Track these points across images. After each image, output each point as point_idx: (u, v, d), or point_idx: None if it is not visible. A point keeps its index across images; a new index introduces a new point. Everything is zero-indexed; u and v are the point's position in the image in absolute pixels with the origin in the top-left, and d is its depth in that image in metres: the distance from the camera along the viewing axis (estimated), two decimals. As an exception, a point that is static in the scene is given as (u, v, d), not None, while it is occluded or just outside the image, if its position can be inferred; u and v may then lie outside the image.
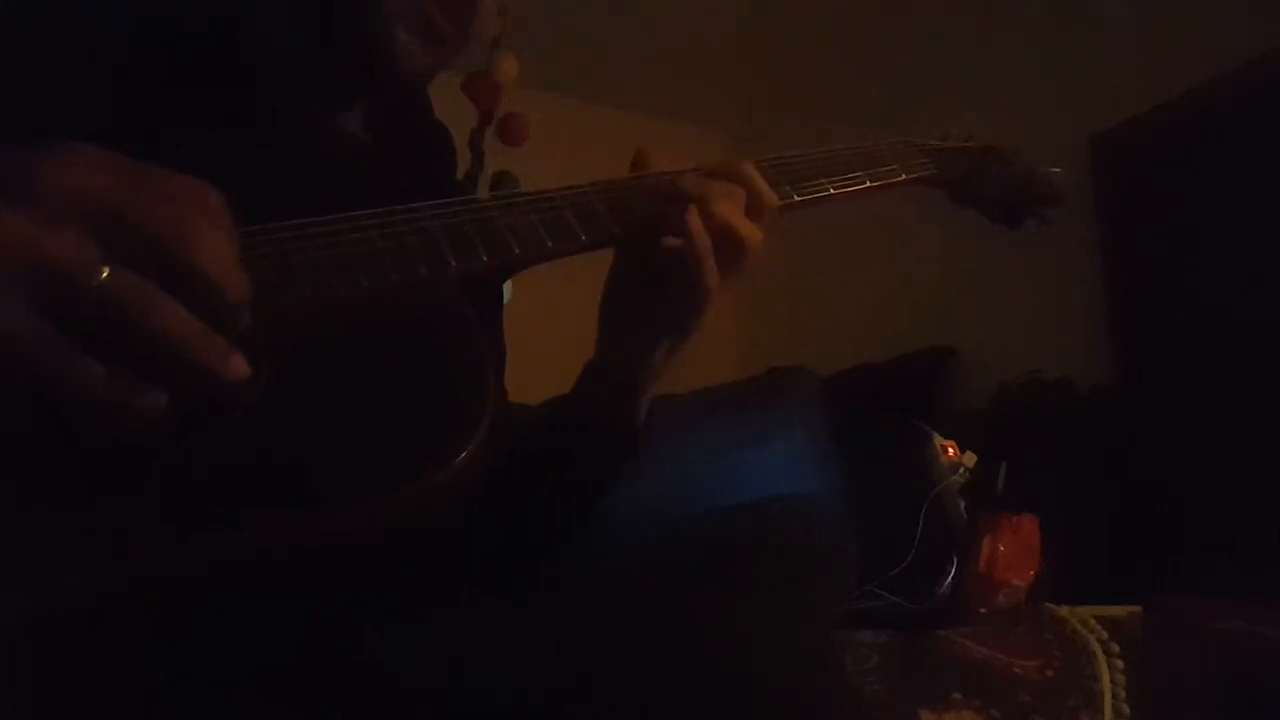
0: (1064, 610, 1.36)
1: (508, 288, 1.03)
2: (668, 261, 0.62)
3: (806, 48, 3.54)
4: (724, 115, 3.96)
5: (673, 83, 3.72)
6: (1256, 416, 2.08)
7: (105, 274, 0.38)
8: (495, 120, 2.70)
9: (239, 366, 0.41)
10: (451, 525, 0.55)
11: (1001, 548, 1.37)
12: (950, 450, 1.47)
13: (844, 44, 3.47)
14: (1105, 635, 1.31)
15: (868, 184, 0.74)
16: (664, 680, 0.50)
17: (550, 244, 0.58)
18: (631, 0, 3.29)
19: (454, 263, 0.53)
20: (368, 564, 0.54)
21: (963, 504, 1.44)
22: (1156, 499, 2.09)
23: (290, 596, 0.52)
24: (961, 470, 1.46)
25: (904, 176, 0.77)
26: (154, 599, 0.45)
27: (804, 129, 3.42)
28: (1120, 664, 1.28)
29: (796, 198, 0.69)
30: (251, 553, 0.45)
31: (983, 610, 1.36)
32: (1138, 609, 1.40)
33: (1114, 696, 1.26)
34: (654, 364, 0.67)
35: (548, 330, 2.17)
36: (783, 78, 3.71)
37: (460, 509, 0.52)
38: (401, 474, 0.47)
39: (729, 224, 0.62)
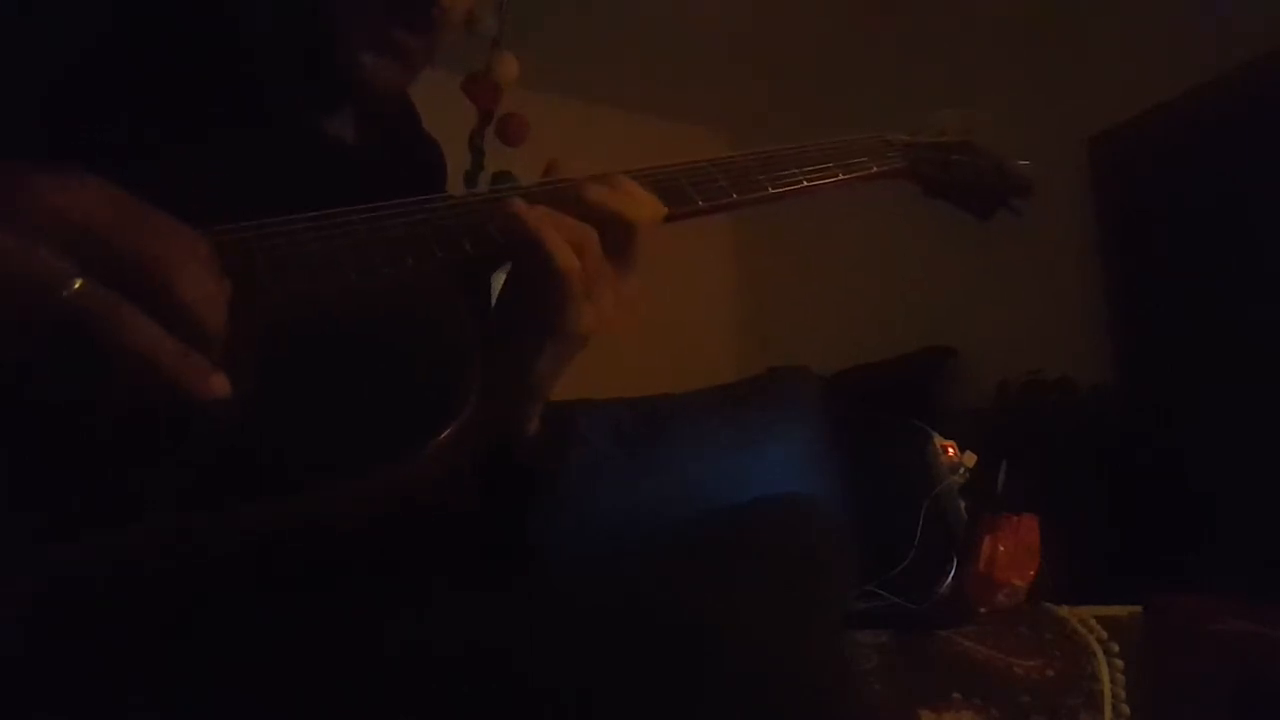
0: (1064, 610, 1.36)
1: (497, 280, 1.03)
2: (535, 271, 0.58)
3: (806, 49, 3.54)
4: (724, 115, 3.95)
5: (673, 83, 3.72)
6: (1256, 416, 2.08)
7: (78, 285, 0.38)
8: (495, 120, 2.69)
9: (219, 385, 0.41)
10: (453, 510, 0.56)
11: (1001, 548, 1.37)
12: (950, 450, 1.47)
13: (843, 45, 3.47)
14: (1105, 635, 1.31)
15: (840, 176, 0.77)
16: (669, 680, 0.50)
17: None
18: (632, 1, 3.29)
19: (439, 253, 0.55)
20: (370, 551, 0.54)
21: (963, 504, 1.44)
22: (1156, 499, 2.09)
23: (286, 585, 0.52)
24: (961, 470, 1.45)
25: (875, 169, 0.81)
26: (146, 591, 0.45)
27: (803, 130, 3.40)
28: (1120, 664, 1.28)
29: (771, 189, 0.72)
30: (236, 541, 0.45)
31: (983, 610, 1.36)
32: (1138, 609, 1.40)
33: (1114, 696, 1.26)
34: (535, 373, 0.62)
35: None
36: (782, 78, 3.71)
37: (461, 494, 0.52)
38: (380, 456, 0.48)
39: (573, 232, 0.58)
